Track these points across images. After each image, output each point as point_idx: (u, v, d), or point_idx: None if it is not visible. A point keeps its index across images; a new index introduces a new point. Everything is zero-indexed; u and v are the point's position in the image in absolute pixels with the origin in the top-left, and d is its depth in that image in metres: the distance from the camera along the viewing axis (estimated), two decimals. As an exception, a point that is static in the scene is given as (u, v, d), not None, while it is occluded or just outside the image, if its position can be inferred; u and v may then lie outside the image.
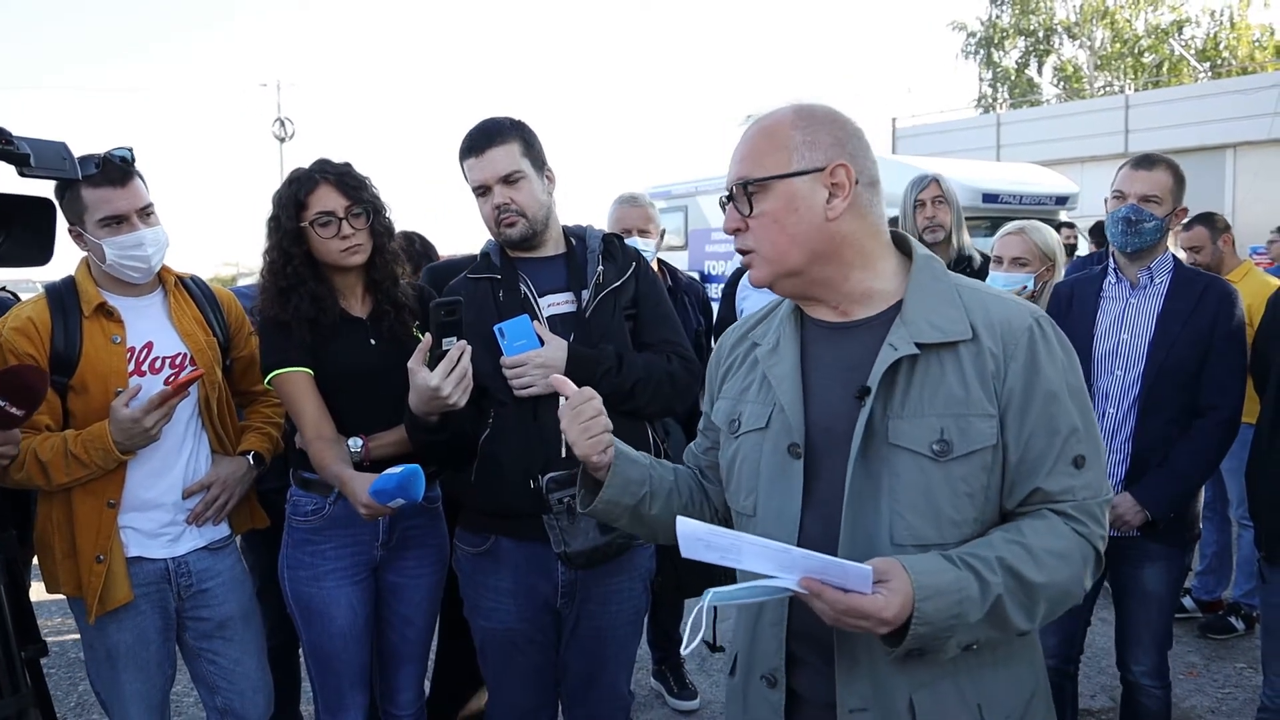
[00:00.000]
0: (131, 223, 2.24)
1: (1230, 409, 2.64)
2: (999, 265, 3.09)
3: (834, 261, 1.44)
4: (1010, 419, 1.37)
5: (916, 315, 1.41)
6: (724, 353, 1.68)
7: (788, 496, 1.45)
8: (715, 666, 4.21)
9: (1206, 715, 3.74)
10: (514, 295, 2.29)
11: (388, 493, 2.01)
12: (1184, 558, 2.79)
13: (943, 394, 1.37)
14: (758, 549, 1.27)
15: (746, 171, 1.44)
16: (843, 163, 1.41)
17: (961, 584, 1.28)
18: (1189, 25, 30.44)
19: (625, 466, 1.61)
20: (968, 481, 1.37)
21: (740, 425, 1.55)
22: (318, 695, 2.47)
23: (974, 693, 1.40)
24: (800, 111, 1.45)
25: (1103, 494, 1.42)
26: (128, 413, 2.15)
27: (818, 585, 1.25)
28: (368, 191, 2.36)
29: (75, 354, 2.24)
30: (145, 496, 2.32)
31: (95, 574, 2.24)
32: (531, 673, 2.36)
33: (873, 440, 1.38)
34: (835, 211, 1.41)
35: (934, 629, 1.27)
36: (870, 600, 1.24)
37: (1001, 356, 1.38)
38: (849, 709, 1.39)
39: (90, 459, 2.18)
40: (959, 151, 18.66)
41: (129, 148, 2.28)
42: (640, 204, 3.87)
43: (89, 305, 2.27)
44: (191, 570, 2.38)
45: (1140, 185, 2.69)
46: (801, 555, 1.26)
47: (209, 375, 2.40)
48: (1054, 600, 1.37)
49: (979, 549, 1.34)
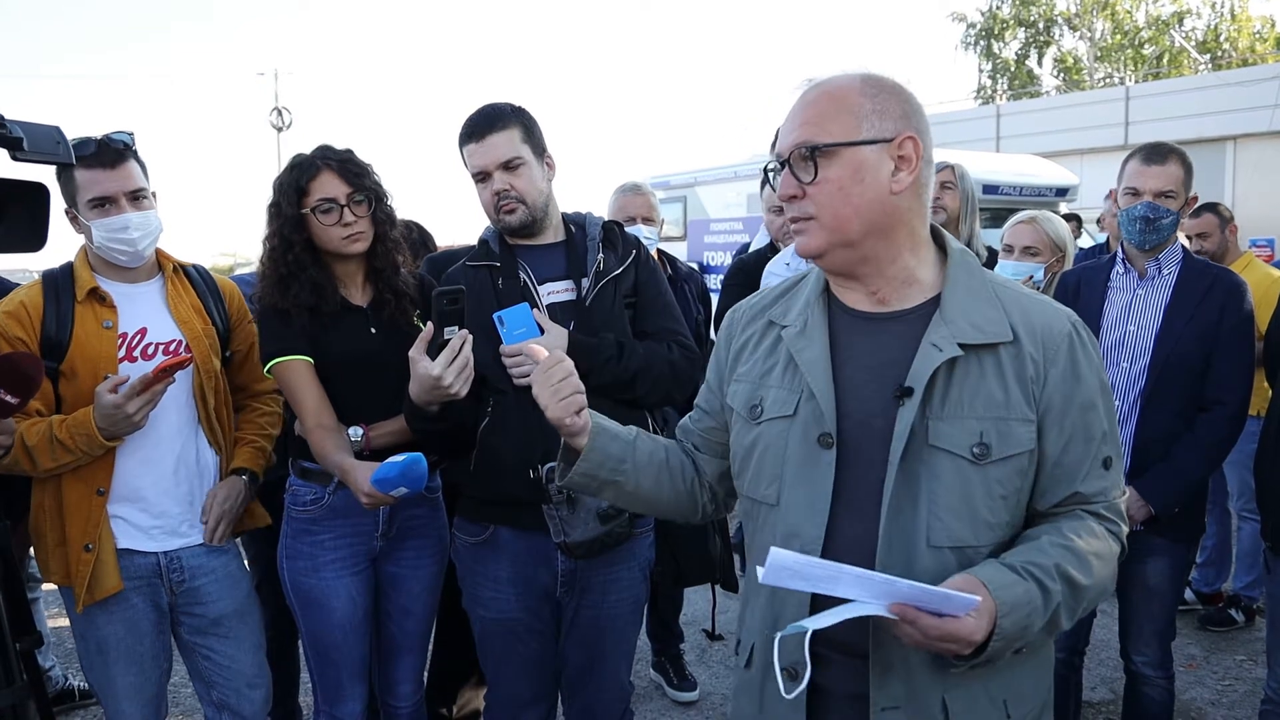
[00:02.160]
0: (120, 205, 2.22)
1: (1236, 404, 2.61)
2: (1009, 254, 3.06)
3: (888, 238, 1.41)
4: (1049, 425, 1.37)
5: (956, 314, 1.39)
6: (736, 329, 1.63)
7: (817, 488, 1.42)
8: (714, 658, 4.20)
9: (1207, 708, 3.73)
10: (513, 283, 2.27)
11: (390, 481, 1.99)
12: (1188, 551, 2.78)
13: (983, 396, 1.36)
14: (860, 579, 1.25)
15: (810, 136, 1.38)
16: (911, 134, 1.38)
17: (1030, 596, 1.30)
18: (1189, 17, 30.46)
19: (605, 441, 1.59)
20: (1003, 485, 1.37)
21: (763, 411, 1.50)
22: (317, 686, 2.46)
23: (1000, 689, 1.40)
24: (869, 79, 1.41)
25: (1122, 489, 1.46)
26: (111, 398, 2.10)
27: (913, 613, 1.24)
28: (370, 178, 2.34)
29: (66, 338, 2.22)
30: (135, 485, 2.29)
31: (84, 563, 2.22)
32: (531, 663, 2.34)
33: (913, 442, 1.36)
34: (901, 185, 1.38)
35: (1007, 642, 1.28)
36: (963, 624, 1.24)
37: (1042, 361, 1.37)
38: (881, 708, 1.38)
39: (75, 445, 2.15)
40: (958, 143, 18.58)
41: (130, 132, 2.26)
42: (643, 192, 3.94)
43: (81, 290, 2.25)
44: (184, 566, 2.35)
45: (1155, 181, 2.65)
46: (908, 586, 1.24)
47: (205, 364, 2.37)
48: (1094, 599, 1.40)
49: (1036, 557, 1.34)
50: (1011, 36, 32.59)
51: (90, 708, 3.77)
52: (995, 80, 32.80)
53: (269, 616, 3.18)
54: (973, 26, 32.58)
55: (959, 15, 32.81)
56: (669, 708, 3.81)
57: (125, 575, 2.27)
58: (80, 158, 2.17)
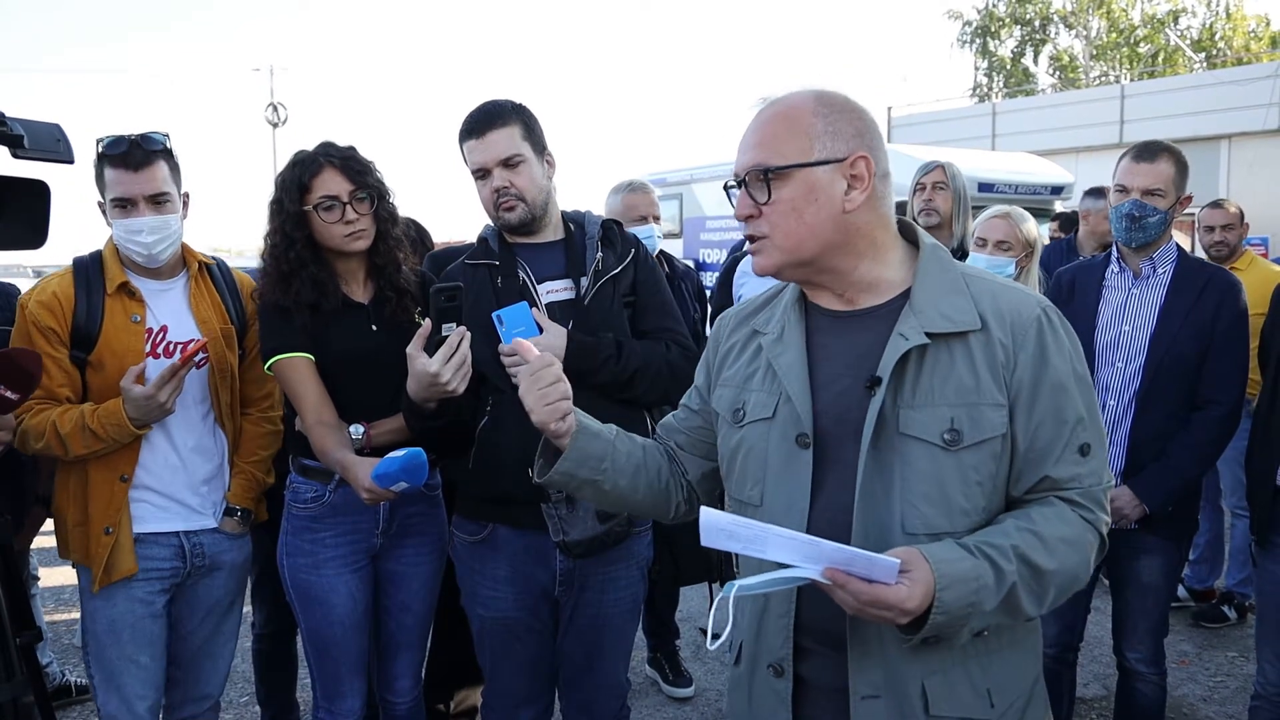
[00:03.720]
0: (138, 208, 2.26)
1: (1230, 403, 2.63)
2: (982, 246, 3.05)
3: (846, 252, 1.44)
4: (1019, 408, 1.38)
5: (926, 304, 1.41)
6: (723, 335, 1.67)
7: (796, 487, 1.45)
8: (710, 654, 4.21)
9: (1199, 704, 3.76)
10: (512, 282, 2.28)
11: (391, 476, 1.99)
12: (1181, 549, 2.79)
13: (953, 383, 1.38)
14: (784, 540, 1.27)
15: (764, 158, 1.41)
16: (864, 154, 1.40)
17: (979, 572, 1.29)
18: (1185, 15, 30.51)
19: (586, 440, 1.59)
20: (978, 470, 1.38)
21: (745, 415, 1.54)
22: (316, 682, 2.46)
23: (983, 678, 1.41)
24: (821, 98, 1.43)
25: (1105, 480, 1.45)
26: (140, 390, 2.18)
27: (843, 576, 1.26)
28: (372, 176, 2.34)
29: (96, 330, 2.29)
30: (157, 474, 2.36)
31: (103, 545, 2.29)
32: (529, 661, 2.35)
33: (884, 430, 1.38)
34: (854, 204, 1.40)
35: (951, 617, 1.28)
36: (894, 591, 1.25)
37: (1011, 346, 1.38)
38: (861, 696, 1.40)
39: (106, 433, 2.23)
40: (954, 141, 18.65)
41: (165, 133, 2.31)
42: (648, 190, 3.96)
43: (112, 283, 2.31)
44: (206, 551, 2.42)
45: (1143, 179, 2.67)
46: (831, 548, 1.26)
47: (221, 362, 2.42)
48: (1063, 586, 1.39)
49: (994, 537, 1.34)
50: (1007, 34, 32.63)
51: (87, 703, 3.75)
52: (991, 78, 32.84)
53: (267, 611, 3.20)
54: (969, 24, 32.62)
55: (955, 13, 32.84)
56: (664, 704, 3.83)
57: (145, 563, 2.34)
58: (109, 156, 2.23)
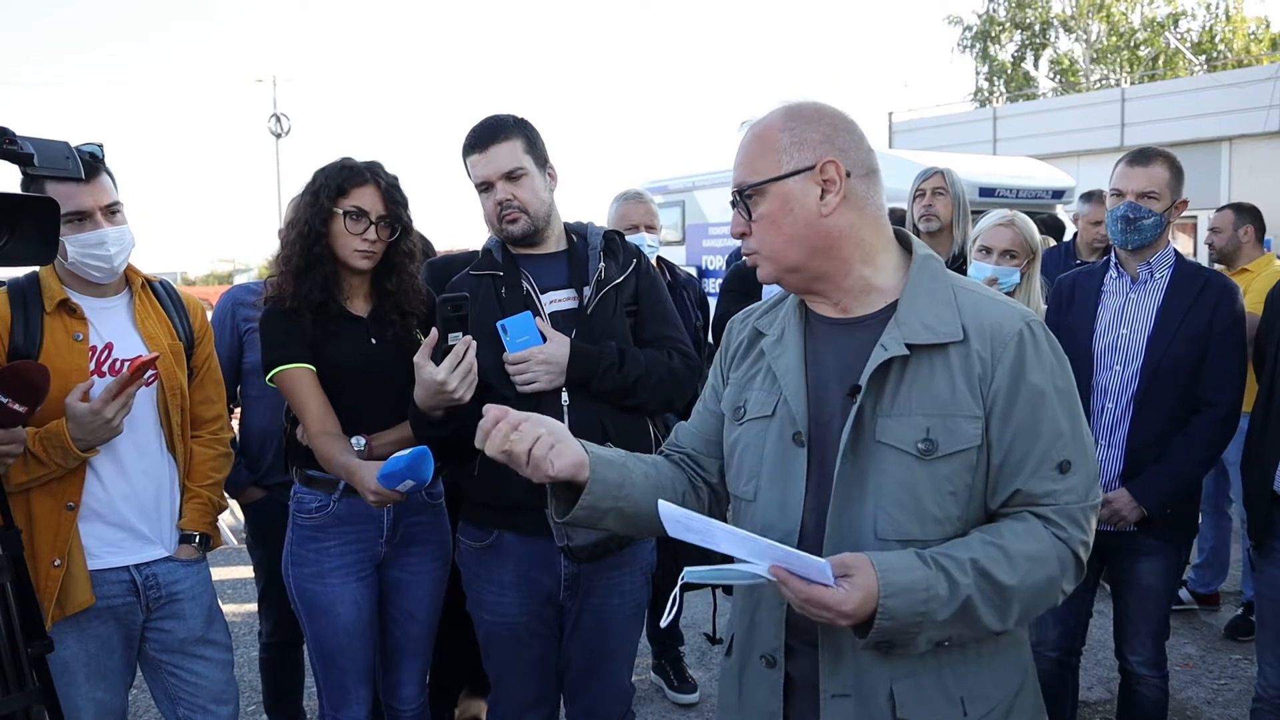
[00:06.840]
0: (95, 220, 2.19)
1: (1228, 405, 2.64)
2: (986, 256, 3.01)
3: (833, 256, 1.47)
4: (994, 421, 1.39)
5: (910, 316, 1.43)
6: (731, 336, 1.71)
7: (791, 484, 1.48)
8: (714, 660, 4.22)
9: (1203, 707, 3.76)
10: (516, 292, 2.30)
11: (397, 475, 1.99)
12: (1182, 552, 2.80)
13: (930, 394, 1.40)
14: (727, 534, 1.32)
15: (742, 178, 1.48)
16: (831, 159, 1.43)
17: (929, 583, 1.31)
18: (1185, 18, 30.52)
19: (602, 469, 1.52)
20: (952, 480, 1.39)
21: (745, 412, 1.57)
22: (322, 690, 2.48)
23: (957, 686, 1.42)
24: (789, 112, 1.47)
25: (1088, 499, 1.42)
26: (85, 406, 2.07)
27: (784, 574, 1.30)
28: (405, 210, 2.38)
29: (35, 350, 2.17)
30: (106, 500, 2.25)
31: (51, 578, 2.16)
32: (534, 666, 2.37)
33: (861, 437, 1.42)
34: (829, 207, 1.44)
35: (899, 624, 1.30)
36: (831, 593, 1.28)
37: (990, 359, 1.40)
38: (831, 694, 1.43)
39: (49, 457, 2.11)
40: (955, 145, 18.68)
41: (99, 144, 2.22)
42: (644, 200, 3.97)
43: (51, 301, 2.21)
44: (160, 582, 2.32)
45: (1137, 182, 2.70)
46: (767, 545, 1.30)
47: (170, 380, 2.34)
48: (1028, 603, 1.39)
49: (953, 550, 1.36)
50: (1008, 39, 32.66)
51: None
52: (992, 83, 32.86)
53: (274, 621, 3.22)
54: (969, 29, 32.66)
55: (955, 18, 32.93)
56: (669, 710, 3.84)
57: (100, 594, 2.21)
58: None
